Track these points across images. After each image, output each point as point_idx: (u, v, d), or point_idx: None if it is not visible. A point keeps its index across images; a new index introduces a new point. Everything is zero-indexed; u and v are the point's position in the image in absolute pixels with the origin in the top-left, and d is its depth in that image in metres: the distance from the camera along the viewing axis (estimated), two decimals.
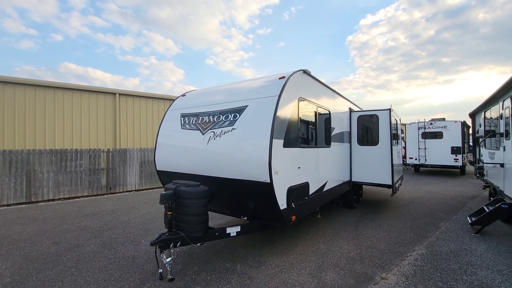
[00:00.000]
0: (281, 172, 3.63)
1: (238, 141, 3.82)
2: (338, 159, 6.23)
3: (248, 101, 4.00)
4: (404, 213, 6.93)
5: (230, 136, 3.91)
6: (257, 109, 3.84)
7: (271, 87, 3.95)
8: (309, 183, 4.48)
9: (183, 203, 3.63)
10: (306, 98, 4.49)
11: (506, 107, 5.22)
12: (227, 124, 4.01)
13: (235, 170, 3.80)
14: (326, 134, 5.54)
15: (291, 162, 3.97)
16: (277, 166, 3.53)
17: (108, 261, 4.20)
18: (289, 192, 3.84)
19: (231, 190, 4.07)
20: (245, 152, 3.70)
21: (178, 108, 5.13)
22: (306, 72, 4.51)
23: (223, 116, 4.14)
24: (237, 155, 3.78)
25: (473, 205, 7.80)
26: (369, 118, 7.00)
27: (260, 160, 3.48)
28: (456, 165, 14.40)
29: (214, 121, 4.22)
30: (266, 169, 3.40)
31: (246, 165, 3.66)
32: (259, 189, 3.61)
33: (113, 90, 12.59)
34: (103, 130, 12.12)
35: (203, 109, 4.59)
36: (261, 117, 3.70)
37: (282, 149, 3.71)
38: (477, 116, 9.06)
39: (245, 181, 3.71)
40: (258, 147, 3.54)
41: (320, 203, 5.26)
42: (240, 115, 3.93)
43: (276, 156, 3.52)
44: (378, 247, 4.65)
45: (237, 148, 3.80)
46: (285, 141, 3.77)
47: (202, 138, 4.27)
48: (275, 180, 3.48)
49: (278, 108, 3.59)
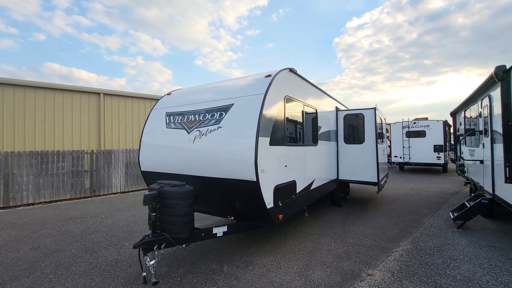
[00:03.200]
0: (267, 170, 3.60)
1: (224, 139, 3.76)
2: (325, 157, 6.27)
3: (234, 99, 3.95)
4: (389, 210, 7.05)
5: (216, 135, 3.85)
6: (243, 107, 3.80)
7: (257, 85, 3.92)
8: (296, 182, 4.47)
9: (168, 204, 3.54)
10: (292, 97, 4.49)
11: (485, 105, 5.40)
12: (213, 123, 3.95)
13: (221, 169, 3.74)
14: (313, 133, 5.56)
15: (277, 160, 3.95)
16: (263, 164, 3.50)
17: (89, 266, 4.04)
18: (276, 190, 3.81)
19: (218, 190, 4.00)
20: (231, 150, 3.65)
21: (163, 107, 5.02)
22: (292, 71, 4.51)
23: (209, 115, 4.07)
24: (223, 154, 3.72)
25: (455, 201, 8.04)
26: (355, 117, 7.09)
27: (246, 158, 3.43)
28: (439, 163, 14.84)
29: (200, 120, 4.15)
30: (252, 168, 3.36)
31: (232, 163, 3.61)
32: (245, 188, 3.57)
33: (98, 90, 12.24)
34: (86, 131, 11.75)
35: (188, 107, 4.50)
36: (247, 115, 3.66)
37: (269, 147, 3.69)
38: (457, 115, 9.36)
39: (231, 180, 3.65)
40: (244, 145, 3.49)
41: (308, 201, 5.27)
42: (226, 113, 3.88)
43: (262, 154, 3.48)
44: (364, 244, 4.70)
45: (223, 146, 3.74)
46: (272, 139, 3.74)
47: (187, 137, 4.19)
48: (262, 179, 3.45)
49: (264, 106, 3.55)
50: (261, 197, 3.47)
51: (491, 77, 4.43)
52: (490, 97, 5.07)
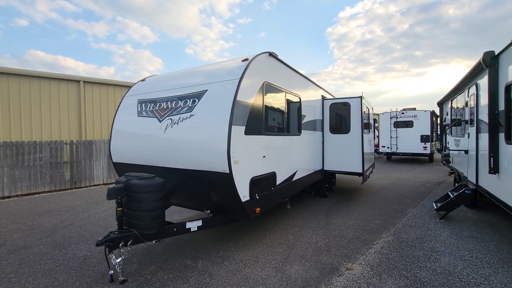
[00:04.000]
0: (242, 161, 3.37)
1: (196, 128, 3.50)
2: (309, 147, 6.09)
3: (208, 85, 3.67)
4: (374, 200, 6.99)
5: (188, 123, 3.58)
6: (216, 93, 3.53)
7: (232, 70, 3.64)
8: (276, 173, 4.28)
9: (135, 198, 3.30)
10: (272, 83, 4.23)
11: (471, 94, 5.28)
12: (185, 110, 3.67)
13: (194, 160, 3.49)
14: (296, 122, 5.35)
15: (254, 150, 3.72)
16: (237, 155, 3.27)
17: (55, 263, 3.79)
18: (253, 183, 3.60)
19: (191, 182, 3.77)
20: (203, 140, 3.40)
21: (135, 94, 4.69)
22: (272, 55, 4.23)
23: (182, 102, 3.78)
24: (195, 144, 3.46)
25: (439, 191, 8.06)
26: (341, 106, 6.90)
27: (218, 149, 3.19)
28: (425, 152, 14.96)
29: (172, 107, 3.86)
30: (224, 159, 3.13)
31: (204, 154, 3.37)
32: (218, 181, 3.34)
33: (77, 78, 11.65)
34: (66, 121, 11.22)
35: (161, 94, 4.19)
36: (220, 102, 3.40)
37: (244, 136, 3.45)
38: (444, 105, 9.30)
39: (204, 172, 3.42)
40: (216, 135, 3.25)
41: (290, 193, 5.10)
42: (199, 100, 3.60)
43: (236, 144, 3.25)
44: (346, 236, 4.59)
45: (195, 136, 3.48)
46: (248, 128, 3.50)
47: (159, 126, 3.90)
48: (235, 170, 3.22)
49: (238, 92, 3.29)
50: (235, 190, 3.25)
51: (479, 63, 4.27)
52: (477, 85, 4.93)
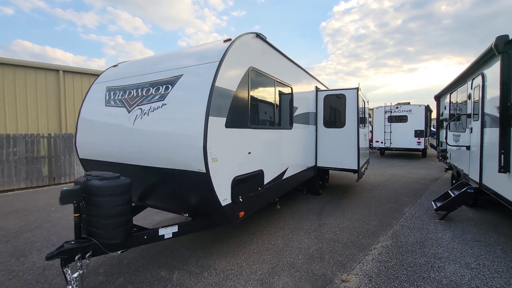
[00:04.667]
0: (222, 159, 2.89)
1: (169, 120, 2.98)
2: (301, 142, 5.64)
3: (184, 69, 3.14)
4: (369, 198, 6.63)
5: (159, 114, 3.06)
6: (192, 79, 3.01)
7: (212, 51, 3.12)
8: (263, 171, 3.81)
9: (94, 202, 2.77)
10: (260, 69, 3.72)
11: (476, 85, 4.89)
12: (157, 99, 3.14)
13: (166, 157, 2.99)
14: (287, 115, 4.87)
15: (237, 146, 3.24)
16: (216, 151, 2.78)
17: (8, 275, 3.27)
18: (235, 183, 3.13)
19: (164, 183, 3.27)
20: (175, 134, 2.89)
21: (105, 81, 4.12)
22: (260, 37, 3.71)
23: (153, 89, 3.25)
24: (167, 139, 2.95)
25: (435, 188, 7.76)
26: (336, 98, 6.45)
27: (192, 144, 2.70)
28: (419, 148, 14.75)
29: (143, 95, 3.32)
30: (200, 156, 2.64)
31: (177, 150, 2.86)
32: (194, 181, 2.86)
33: (56, 67, 10.87)
34: (44, 113, 10.49)
35: (132, 80, 3.64)
36: (196, 89, 2.89)
37: (225, 130, 2.95)
38: (442, 99, 8.96)
39: (177, 171, 2.92)
40: (191, 128, 2.75)
41: (279, 192, 4.66)
42: (173, 86, 3.08)
43: (215, 138, 2.76)
44: (340, 240, 4.18)
45: (167, 129, 2.97)
46: (229, 120, 3.01)
47: (127, 117, 3.37)
48: (214, 170, 2.74)
49: (218, 78, 2.78)
50: (213, 193, 2.77)
51: (489, 50, 3.85)
52: (483, 76, 4.54)
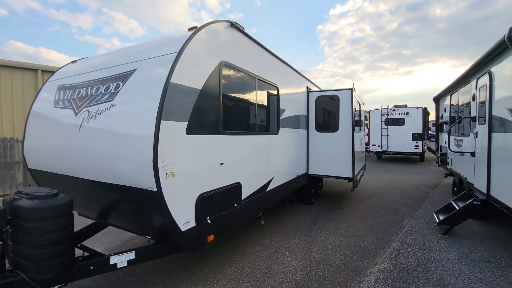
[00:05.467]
0: (182, 173, 2.33)
1: (116, 124, 2.43)
2: (290, 148, 5.10)
3: (138, 63, 2.59)
4: (365, 208, 6.11)
5: (106, 117, 2.50)
6: (145, 74, 2.46)
7: (171, 41, 2.59)
8: (241, 184, 3.26)
9: (21, 227, 2.20)
10: (235, 65, 3.18)
11: (482, 85, 4.40)
12: (105, 99, 2.58)
13: (113, 171, 2.43)
14: (272, 117, 4.33)
15: (205, 156, 2.68)
16: (173, 164, 2.22)
17: None
18: (202, 201, 2.57)
19: (116, 201, 2.70)
20: (122, 142, 2.33)
21: (58, 78, 3.55)
22: (235, 27, 3.17)
23: (104, 87, 2.69)
24: (113, 148, 2.39)
25: (435, 196, 7.27)
26: (329, 100, 5.94)
27: (139, 156, 2.14)
28: (417, 152, 14.30)
29: (92, 95, 2.76)
30: (149, 170, 2.08)
31: (125, 163, 2.30)
32: (146, 201, 2.30)
33: (33, 66, 10.22)
34: (21, 116, 9.81)
35: (83, 77, 3.08)
36: (148, 87, 2.34)
37: (186, 137, 2.40)
38: (441, 101, 8.51)
39: (126, 188, 2.36)
40: (138, 135, 2.20)
41: (263, 206, 4.11)
42: (124, 83, 2.52)
43: (170, 148, 2.20)
44: (332, 262, 3.64)
45: (113, 136, 2.41)
46: (193, 125, 2.46)
47: (74, 121, 2.80)
48: (168, 187, 2.18)
49: (175, 73, 2.23)
50: (168, 216, 2.21)
51: (500, 44, 3.35)
52: (490, 74, 4.05)
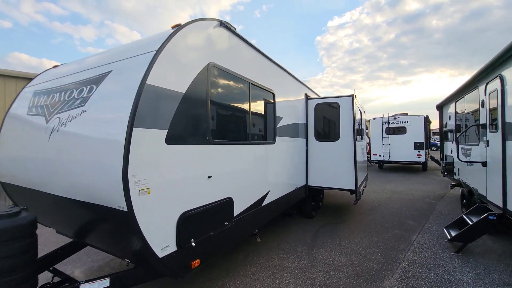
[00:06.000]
0: (160, 189, 2.01)
1: (85, 132, 2.12)
2: (288, 159, 4.78)
3: (114, 64, 2.32)
4: (369, 222, 5.73)
5: (76, 124, 2.19)
6: (120, 76, 2.18)
7: (151, 39, 2.31)
8: (233, 199, 2.92)
9: None
10: (225, 67, 2.90)
11: (492, 90, 4.12)
12: (77, 104, 2.29)
13: (81, 187, 2.11)
14: (268, 126, 4.04)
15: (189, 168, 2.36)
16: (148, 179, 1.91)
17: None
18: (184, 221, 2.23)
19: (88, 221, 2.37)
20: (90, 153, 2.02)
21: (36, 84, 3.28)
22: (225, 26, 2.91)
23: (77, 91, 2.40)
24: (81, 160, 2.08)
25: (443, 207, 6.89)
26: (329, 107, 5.66)
27: (107, 170, 1.83)
28: (419, 161, 13.95)
29: (64, 100, 2.47)
30: (118, 187, 1.76)
31: (93, 178, 1.99)
32: (117, 223, 1.97)
33: (27, 75, 10.02)
34: None
35: (58, 82, 2.80)
36: (122, 89, 2.05)
37: (165, 147, 2.09)
38: (445, 108, 8.24)
39: (96, 206, 2.03)
40: (107, 145, 1.89)
41: (259, 223, 3.75)
42: (98, 87, 2.23)
43: (145, 160, 1.89)
44: (335, 285, 3.26)
45: (82, 145, 2.10)
46: (174, 134, 2.15)
47: (45, 129, 2.50)
48: (142, 206, 1.85)
49: (153, 73, 1.95)
50: (142, 240, 1.88)
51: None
52: (502, 78, 3.78)
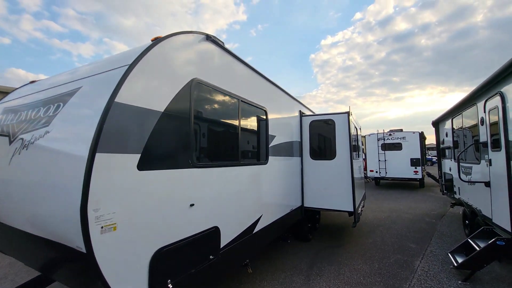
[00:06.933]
0: (129, 224, 1.73)
1: (45, 157, 1.86)
2: (282, 179, 4.51)
3: (85, 80, 2.10)
4: (369, 246, 5.40)
5: (38, 147, 1.93)
6: (89, 92, 1.95)
7: (128, 53, 2.11)
8: (219, 229, 2.63)
9: None
10: (212, 84, 2.69)
11: (492, 108, 3.99)
12: (42, 124, 2.04)
13: (38, 221, 1.81)
14: (261, 145, 3.80)
15: (167, 197, 2.08)
16: (115, 212, 1.63)
17: None
18: (159, 260, 1.93)
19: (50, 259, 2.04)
20: (48, 181, 1.75)
21: (8, 100, 3.03)
22: (213, 40, 2.73)
23: (43, 109, 2.16)
24: (39, 189, 1.80)
25: (444, 228, 6.60)
26: (324, 125, 5.48)
27: (65, 202, 1.55)
28: (416, 177, 13.77)
29: (30, 119, 2.22)
30: (75, 223, 1.48)
31: (50, 211, 1.70)
32: (77, 264, 1.66)
33: (6, 89, 9.76)
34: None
35: (28, 99, 2.56)
36: (88, 108, 1.82)
37: (137, 174, 1.82)
38: (441, 125, 8.14)
39: (55, 243, 1.73)
40: (64, 173, 1.63)
41: (250, 252, 3.42)
42: (65, 104, 2.00)
43: (111, 190, 1.62)
44: None
45: (41, 172, 1.83)
46: (149, 157, 1.89)
47: (7, 152, 2.22)
48: (106, 246, 1.56)
49: (124, 90, 1.72)
50: (105, 286, 1.57)
51: None
52: (502, 95, 3.64)
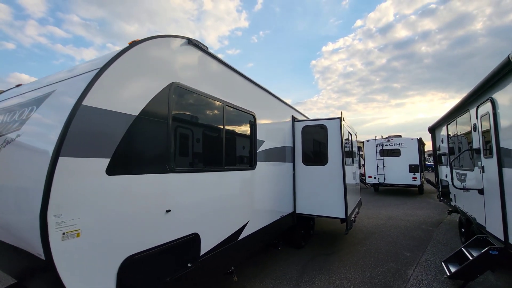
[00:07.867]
0: (94, 230, 1.67)
1: (13, 161, 1.82)
2: (271, 185, 4.45)
3: (59, 84, 2.07)
4: (363, 253, 5.30)
5: (8, 151, 1.89)
6: (61, 96, 1.92)
7: (100, 59, 2.09)
8: (199, 235, 2.56)
9: None
10: (194, 88, 2.66)
11: (484, 114, 3.94)
12: (15, 127, 2.00)
13: (6, 226, 1.77)
14: (247, 150, 3.76)
15: (139, 203, 2.03)
16: (78, 218, 1.58)
17: None
18: (128, 268, 1.87)
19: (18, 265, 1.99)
20: (13, 187, 1.71)
21: None
22: (195, 44, 2.71)
23: (18, 113, 2.13)
24: (5, 193, 1.76)
25: (440, 236, 6.49)
26: (317, 130, 5.44)
27: (25, 207, 1.51)
28: (415, 184, 13.64)
29: (6, 122, 2.19)
30: (33, 229, 1.43)
31: (14, 216, 1.66)
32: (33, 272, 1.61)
33: None
34: None
35: (9, 102, 2.54)
36: (56, 111, 1.79)
37: (106, 178, 1.77)
38: (437, 131, 8.09)
39: (19, 250, 1.68)
40: (27, 177, 1.59)
41: (234, 260, 3.34)
42: (38, 108, 1.97)
43: (74, 195, 1.58)
44: None
45: (7, 176, 1.79)
46: (119, 162, 1.85)
47: None
48: (67, 254, 1.51)
49: (93, 93, 1.68)
50: None
51: (504, 65, 2.92)
52: (493, 101, 3.60)
